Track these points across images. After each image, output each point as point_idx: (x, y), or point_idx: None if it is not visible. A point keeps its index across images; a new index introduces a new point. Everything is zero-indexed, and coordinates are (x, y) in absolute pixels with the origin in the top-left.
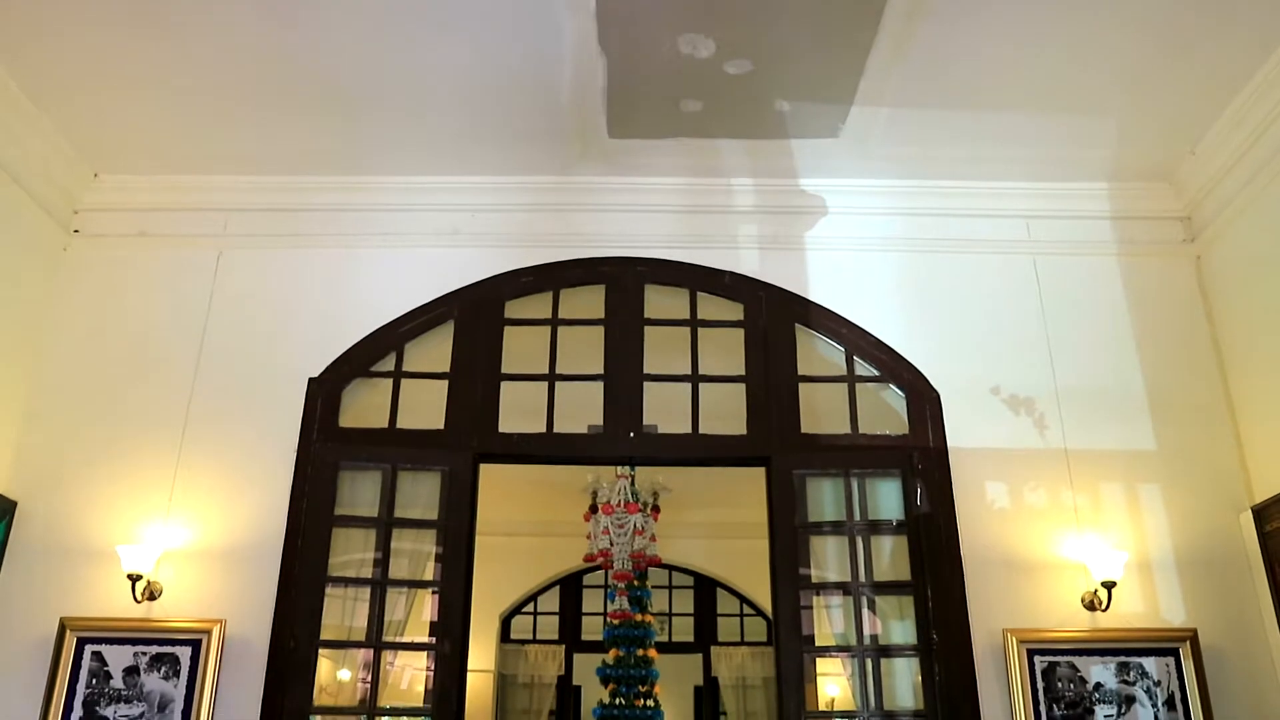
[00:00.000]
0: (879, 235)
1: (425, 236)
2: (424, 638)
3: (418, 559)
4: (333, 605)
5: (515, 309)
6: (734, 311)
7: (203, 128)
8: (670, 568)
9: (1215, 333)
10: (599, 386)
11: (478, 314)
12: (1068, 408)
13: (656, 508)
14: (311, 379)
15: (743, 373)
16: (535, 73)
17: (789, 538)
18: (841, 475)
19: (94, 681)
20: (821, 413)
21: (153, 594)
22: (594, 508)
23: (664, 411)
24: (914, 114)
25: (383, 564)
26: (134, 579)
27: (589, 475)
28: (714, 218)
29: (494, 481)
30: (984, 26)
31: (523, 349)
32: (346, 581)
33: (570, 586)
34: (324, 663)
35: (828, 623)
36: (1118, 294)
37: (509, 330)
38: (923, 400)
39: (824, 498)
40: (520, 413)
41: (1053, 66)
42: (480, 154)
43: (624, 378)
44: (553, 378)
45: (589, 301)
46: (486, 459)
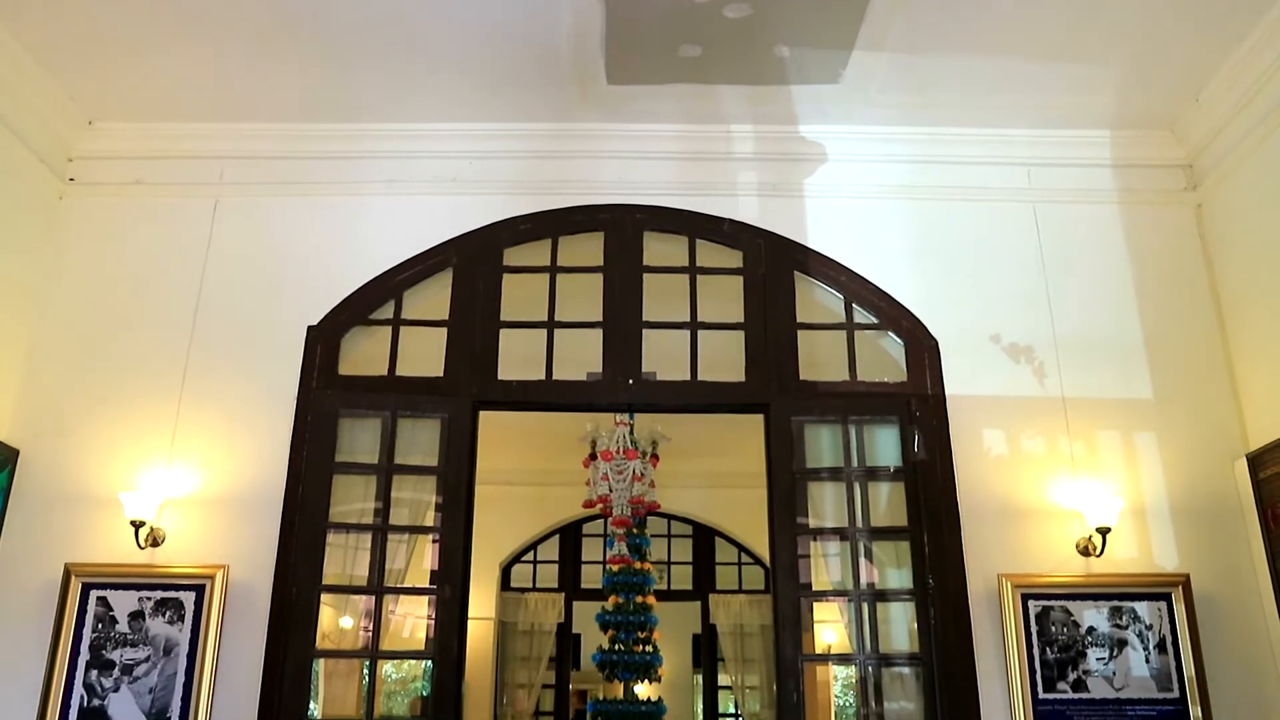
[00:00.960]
0: (879, 183)
1: (423, 184)
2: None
3: (418, 508)
4: (334, 555)
5: (514, 256)
6: (733, 259)
7: (198, 75)
8: (669, 517)
9: (1214, 281)
10: (598, 334)
11: (476, 261)
12: (1066, 356)
13: (655, 455)
14: (310, 327)
15: (741, 320)
16: (533, 18)
17: (787, 484)
18: (839, 422)
19: (100, 626)
20: (820, 360)
21: (156, 540)
22: (593, 454)
23: (663, 359)
24: (915, 60)
25: (383, 512)
26: (137, 525)
27: (588, 424)
28: (713, 165)
29: (493, 431)
30: None
31: (521, 296)
32: (348, 528)
33: (570, 535)
34: (326, 611)
35: (825, 571)
36: (1118, 242)
37: (508, 278)
38: (921, 348)
39: (822, 445)
40: (519, 361)
41: (1056, 12)
42: (478, 101)
43: (623, 325)
44: (551, 325)
45: (588, 249)
46: (486, 406)
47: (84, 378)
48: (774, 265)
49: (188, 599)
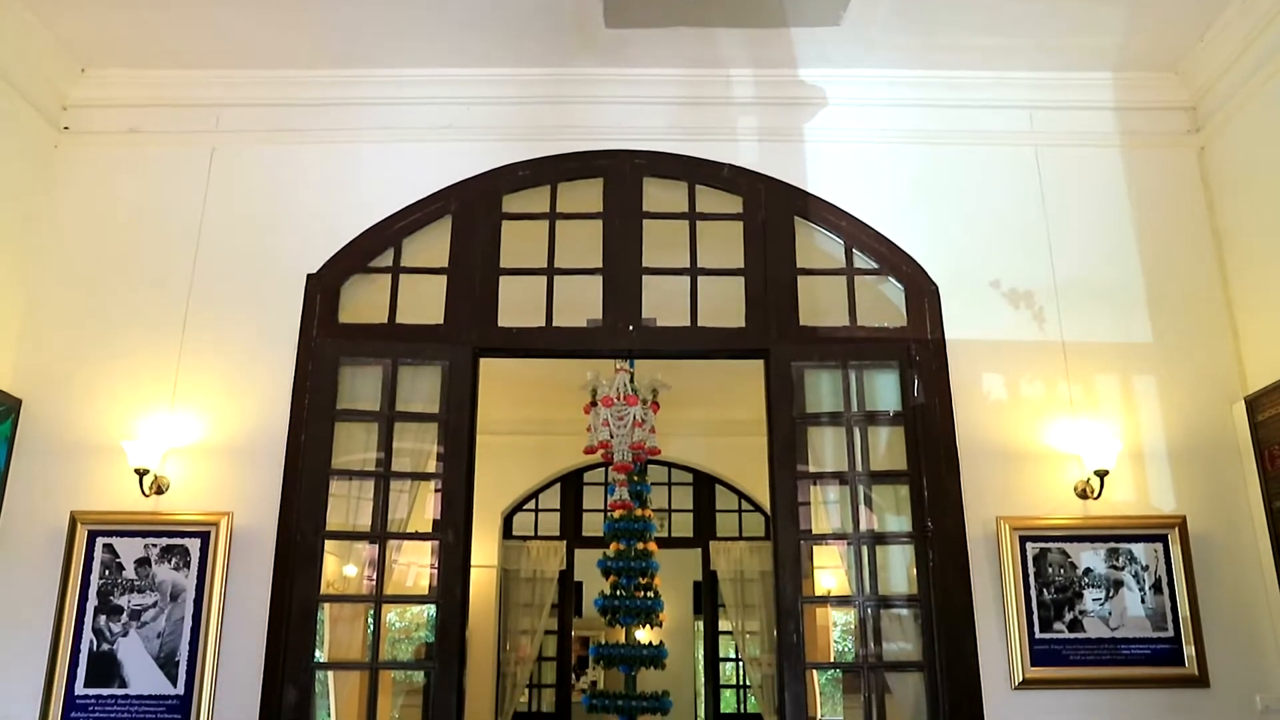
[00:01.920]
0: (880, 127)
1: (420, 130)
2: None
3: (419, 457)
4: (337, 505)
5: (513, 203)
6: (733, 204)
7: (192, 20)
8: (669, 465)
9: (1216, 225)
10: (598, 280)
11: (475, 208)
12: (1066, 300)
13: (656, 403)
14: (310, 275)
15: (741, 266)
16: None
17: (787, 429)
18: (839, 367)
19: (107, 573)
20: (820, 306)
21: (160, 488)
22: (594, 401)
23: (663, 305)
24: (916, 1)
25: (385, 460)
26: (141, 473)
27: (588, 372)
28: (713, 109)
29: (494, 381)
30: None
31: (521, 243)
32: (350, 474)
33: (571, 484)
34: (330, 560)
35: (825, 519)
36: (1120, 186)
37: (507, 224)
38: (921, 293)
39: (822, 390)
40: (520, 308)
41: None
42: (475, 45)
43: (623, 271)
44: (551, 272)
45: (587, 195)
46: (486, 353)
47: (84, 327)
48: (774, 210)
49: (193, 545)
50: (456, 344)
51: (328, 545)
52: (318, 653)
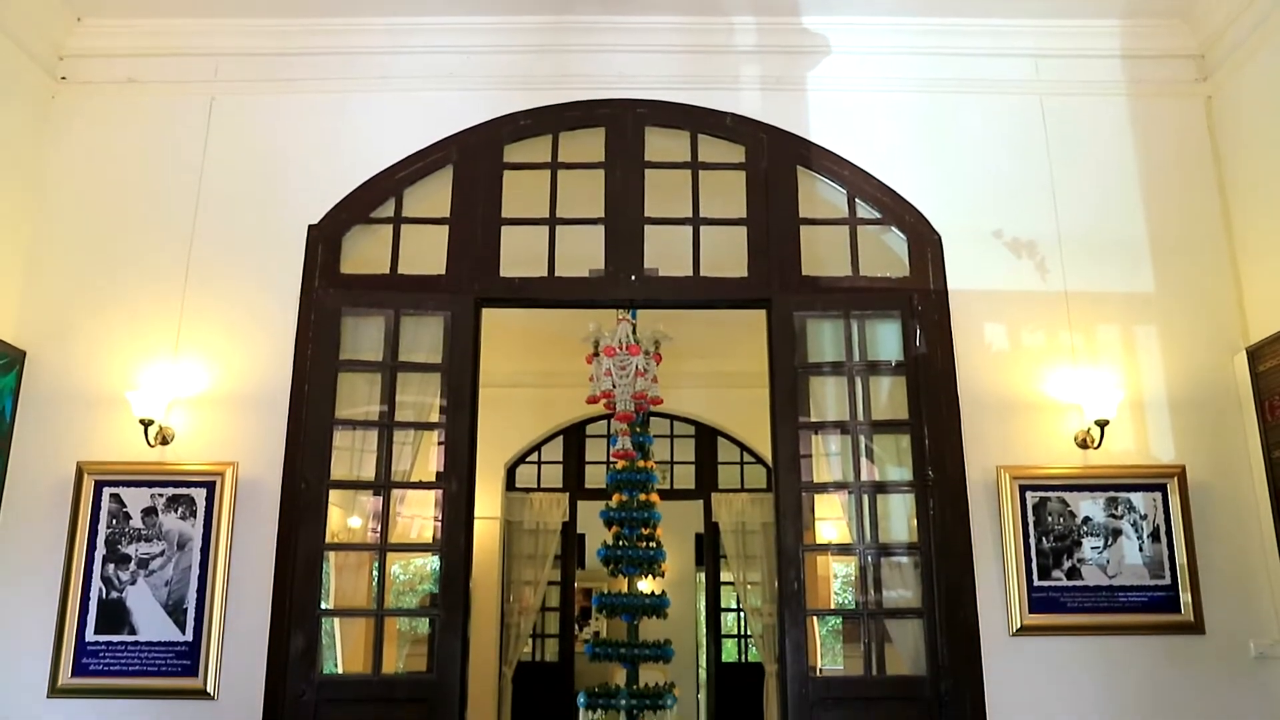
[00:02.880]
0: (883, 75)
1: (421, 80)
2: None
3: (422, 409)
4: (341, 458)
5: (514, 153)
6: (735, 154)
7: None
8: (671, 417)
9: (1222, 174)
10: (600, 231)
11: (476, 158)
12: (1069, 250)
13: (658, 354)
14: (311, 226)
15: (744, 216)
16: None
17: (789, 379)
18: (841, 317)
19: (114, 522)
20: (822, 255)
21: (165, 439)
22: (596, 352)
23: (665, 255)
24: None
25: (388, 412)
26: (146, 424)
27: (590, 324)
28: (715, 58)
29: (497, 333)
30: None
31: (522, 193)
32: (354, 424)
33: (573, 436)
34: (334, 512)
35: (827, 471)
36: (1125, 135)
37: (508, 174)
38: (924, 243)
39: (824, 339)
40: (521, 258)
41: None
42: None
43: (625, 221)
44: (553, 222)
45: (589, 145)
46: (488, 303)
47: (86, 278)
48: (776, 160)
49: (199, 495)
50: (458, 294)
51: (331, 498)
52: (323, 603)
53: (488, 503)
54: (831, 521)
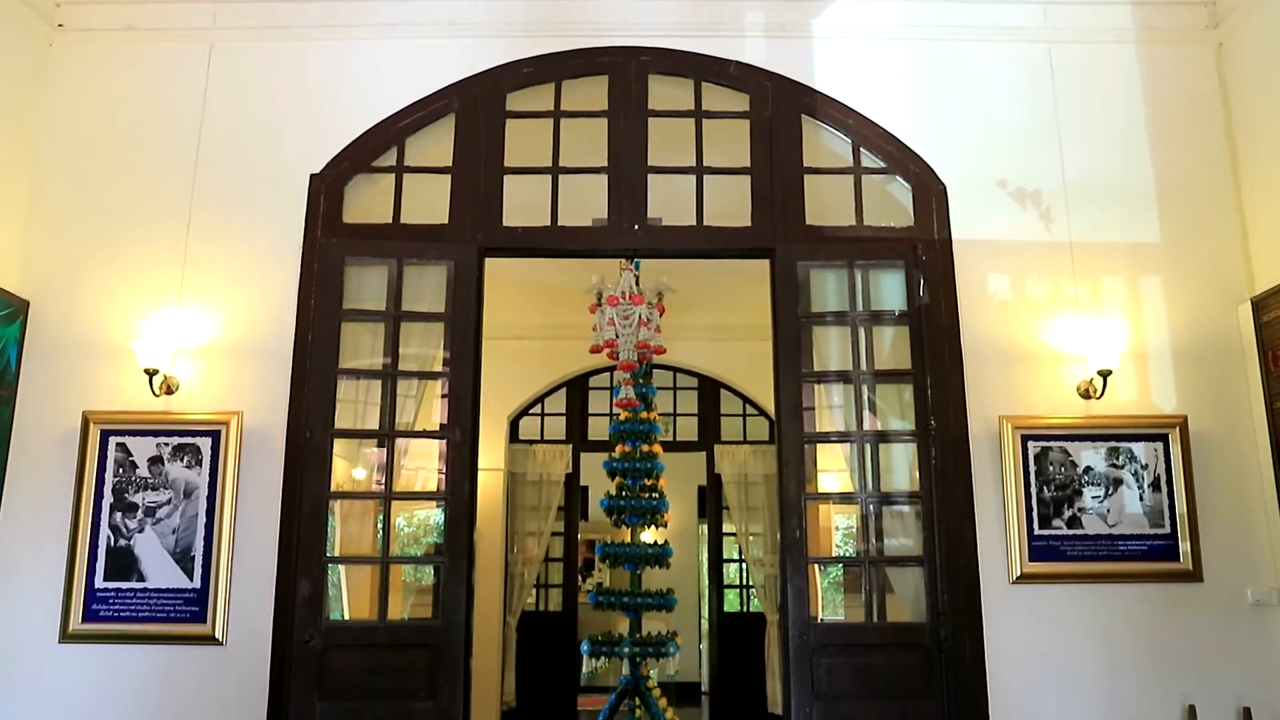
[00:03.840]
0: (889, 22)
1: (422, 26)
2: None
3: (425, 361)
4: (345, 410)
5: (516, 101)
6: (739, 102)
7: None
8: (674, 369)
9: (1230, 123)
10: (603, 180)
11: (478, 107)
12: (1075, 200)
13: (662, 305)
14: (313, 175)
15: (748, 165)
16: None
17: (792, 328)
18: (845, 267)
19: (121, 471)
20: (827, 205)
21: (170, 388)
22: (599, 301)
23: (668, 205)
24: None
25: (392, 364)
26: (151, 374)
27: (593, 275)
28: (719, 5)
29: (500, 285)
30: None
31: (525, 142)
32: (358, 374)
33: (576, 388)
34: (339, 464)
35: (829, 421)
36: (1133, 84)
37: (511, 123)
38: (929, 192)
39: (827, 289)
40: (524, 207)
41: None
42: None
43: (628, 170)
44: (556, 170)
45: (591, 93)
46: (491, 253)
47: (88, 228)
48: (781, 108)
49: (204, 444)
50: (461, 243)
51: (336, 450)
52: (329, 552)
53: (491, 455)
54: (834, 473)
